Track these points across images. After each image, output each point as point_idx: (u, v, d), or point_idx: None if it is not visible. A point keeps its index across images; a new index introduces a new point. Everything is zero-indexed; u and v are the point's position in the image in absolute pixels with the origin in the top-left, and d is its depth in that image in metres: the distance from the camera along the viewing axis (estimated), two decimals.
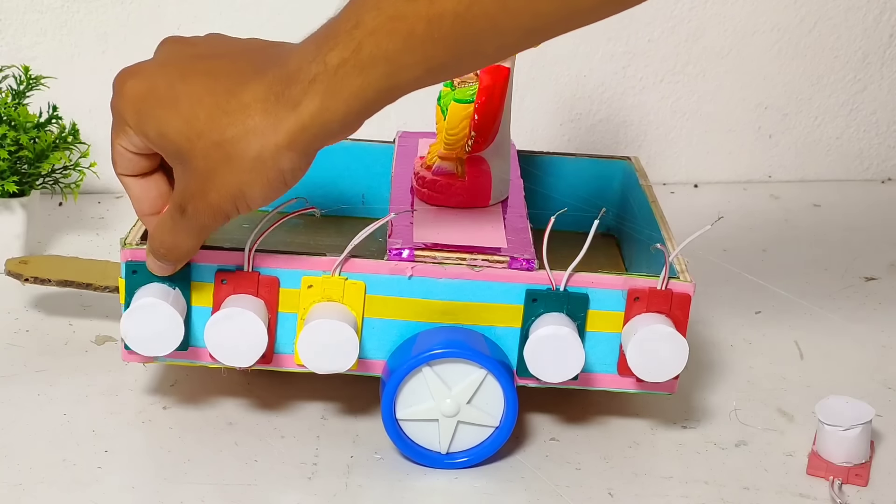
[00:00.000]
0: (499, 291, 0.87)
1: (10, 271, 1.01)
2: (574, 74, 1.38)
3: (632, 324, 0.87)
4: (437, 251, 0.87)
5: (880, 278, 1.21)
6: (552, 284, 0.87)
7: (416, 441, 0.87)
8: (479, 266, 0.87)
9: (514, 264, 0.87)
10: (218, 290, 0.87)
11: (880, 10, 1.43)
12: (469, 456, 0.88)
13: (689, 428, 0.95)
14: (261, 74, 0.77)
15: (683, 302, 0.87)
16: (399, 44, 0.73)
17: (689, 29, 1.39)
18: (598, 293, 0.87)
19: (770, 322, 1.11)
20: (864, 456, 0.89)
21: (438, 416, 0.87)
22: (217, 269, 0.86)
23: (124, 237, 0.88)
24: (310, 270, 0.86)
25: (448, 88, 0.95)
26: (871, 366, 1.05)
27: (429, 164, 0.96)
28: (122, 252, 0.86)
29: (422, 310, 0.88)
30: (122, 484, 0.84)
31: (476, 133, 0.93)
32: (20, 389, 0.94)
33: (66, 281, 0.99)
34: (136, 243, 0.87)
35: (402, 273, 0.87)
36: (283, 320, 0.87)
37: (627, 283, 0.87)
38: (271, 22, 1.31)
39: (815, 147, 1.46)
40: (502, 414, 0.87)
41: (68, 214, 1.25)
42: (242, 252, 0.86)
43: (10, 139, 1.07)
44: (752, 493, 0.87)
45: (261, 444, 0.89)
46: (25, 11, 1.26)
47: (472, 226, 0.92)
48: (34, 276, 0.99)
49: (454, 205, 0.95)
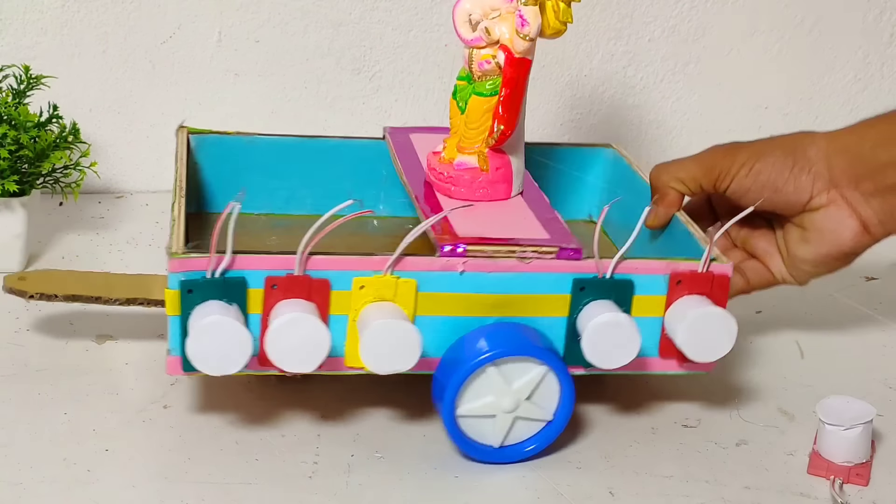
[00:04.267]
0: (547, 282, 0.88)
1: (12, 288, 0.96)
2: (574, 74, 1.38)
3: (677, 306, 0.88)
4: (485, 245, 0.87)
5: (881, 278, 1.21)
6: (599, 273, 0.88)
7: (470, 436, 0.88)
8: (528, 258, 0.87)
9: (563, 254, 0.87)
10: (269, 296, 0.85)
11: (880, 10, 1.43)
12: (526, 449, 0.89)
13: (689, 427, 0.95)
14: None
15: (723, 283, 0.89)
16: None
17: (689, 29, 1.39)
18: (641, 279, 0.88)
19: (771, 321, 1.11)
20: (864, 455, 0.89)
21: (497, 413, 0.87)
22: (267, 274, 0.84)
23: (169, 245, 0.85)
24: (361, 271, 0.85)
25: (464, 82, 0.95)
26: (872, 365, 1.05)
27: (447, 158, 0.96)
28: (171, 262, 0.83)
29: (472, 304, 0.88)
30: (123, 483, 0.84)
31: (504, 126, 0.92)
32: (21, 388, 0.94)
33: (74, 296, 0.95)
34: (185, 251, 0.83)
35: (454, 269, 0.87)
36: (333, 323, 0.86)
37: (669, 266, 0.89)
38: (271, 21, 1.31)
39: None
40: (557, 407, 0.88)
41: (68, 214, 1.25)
42: (292, 256, 0.84)
43: (10, 138, 1.07)
44: (752, 492, 0.87)
45: (261, 442, 0.89)
46: (26, 11, 1.26)
47: (506, 219, 0.93)
48: (39, 291, 0.95)
49: (478, 199, 0.95)
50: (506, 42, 0.91)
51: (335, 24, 1.33)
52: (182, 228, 0.87)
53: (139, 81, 1.30)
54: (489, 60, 0.93)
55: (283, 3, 1.31)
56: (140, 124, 1.31)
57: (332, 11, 1.32)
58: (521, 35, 0.90)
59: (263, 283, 0.84)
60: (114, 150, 1.31)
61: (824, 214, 0.98)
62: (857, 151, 0.97)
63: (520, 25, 0.90)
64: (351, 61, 1.34)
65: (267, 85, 1.33)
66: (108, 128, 1.31)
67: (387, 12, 1.33)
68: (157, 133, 1.32)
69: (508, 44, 0.91)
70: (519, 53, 0.91)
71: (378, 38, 1.34)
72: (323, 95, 1.34)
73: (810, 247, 0.99)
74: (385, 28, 1.33)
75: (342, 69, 1.34)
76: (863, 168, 0.96)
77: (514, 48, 0.91)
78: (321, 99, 1.34)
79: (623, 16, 1.38)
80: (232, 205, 0.82)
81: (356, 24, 1.33)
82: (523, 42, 0.90)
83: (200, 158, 1.05)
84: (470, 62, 0.94)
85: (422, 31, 1.34)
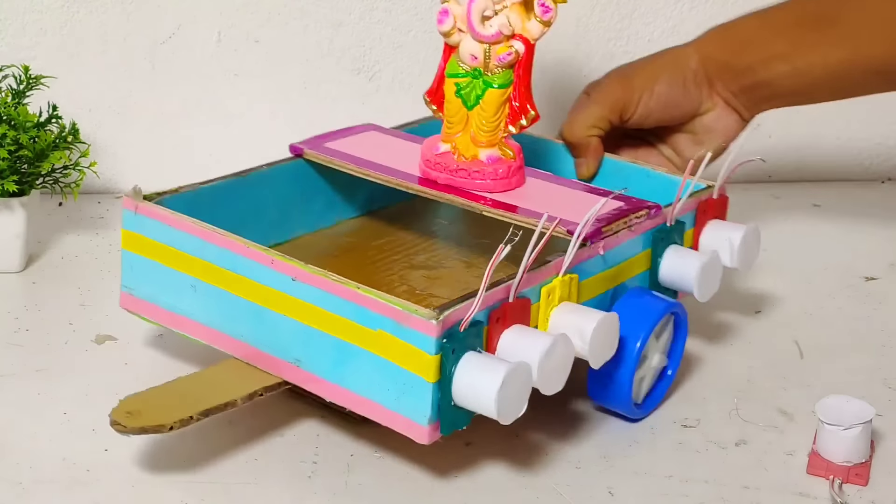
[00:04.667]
0: (640, 242, 0.96)
1: (146, 427, 0.82)
2: (575, 74, 1.38)
3: (710, 231, 1.01)
4: (606, 224, 0.92)
5: (880, 278, 1.21)
6: (669, 221, 0.97)
7: (634, 400, 0.93)
8: (633, 224, 0.94)
9: (652, 213, 0.95)
10: (492, 330, 0.82)
11: None
12: (651, 402, 0.96)
13: (689, 427, 0.95)
14: None
15: (724, 203, 1.04)
16: None
17: (689, 29, 1.39)
18: (685, 217, 0.99)
19: (770, 321, 1.11)
20: (864, 455, 0.89)
21: (648, 372, 0.94)
22: (490, 310, 0.82)
23: (425, 310, 0.79)
24: (546, 280, 0.86)
25: (466, 79, 0.96)
26: (872, 365, 1.05)
27: (470, 155, 0.96)
28: (436, 325, 0.78)
29: (605, 281, 0.92)
30: (123, 483, 0.84)
31: (535, 111, 0.96)
32: (20, 388, 0.94)
33: (208, 410, 0.84)
34: (439, 314, 0.79)
35: (597, 253, 0.91)
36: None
37: (696, 201, 1.01)
38: (271, 21, 1.31)
39: (816, 147, 1.46)
40: (670, 352, 0.97)
41: (68, 214, 1.25)
42: (500, 287, 0.82)
43: (9, 139, 1.07)
44: (752, 492, 0.87)
45: (261, 442, 0.89)
46: (25, 11, 1.26)
47: (565, 198, 0.96)
48: (177, 420, 0.82)
49: (514, 187, 0.97)
50: (520, 31, 0.93)
51: (335, 24, 1.33)
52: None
53: (139, 81, 1.30)
54: (510, 52, 0.94)
55: (282, 3, 1.31)
56: (140, 124, 1.31)
57: (331, 11, 1.32)
58: (542, 21, 0.93)
59: (488, 319, 0.82)
60: (113, 150, 1.31)
61: (713, 116, 1.12)
62: (722, 60, 1.11)
63: (542, 13, 0.93)
64: (351, 61, 1.34)
65: (267, 85, 1.33)
66: (108, 128, 1.31)
67: (387, 12, 1.33)
68: (156, 133, 1.32)
69: (524, 32, 0.93)
70: (535, 40, 0.94)
71: (378, 38, 1.34)
72: (323, 95, 1.34)
73: (704, 147, 1.11)
74: (385, 28, 1.33)
75: (342, 69, 1.34)
76: (729, 73, 1.11)
77: (531, 35, 0.94)
78: (321, 99, 1.34)
79: (623, 16, 1.38)
80: (502, 248, 0.80)
81: (356, 24, 1.33)
82: (542, 28, 0.93)
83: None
84: (486, 58, 0.94)
85: (422, 32, 1.34)
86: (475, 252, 1.06)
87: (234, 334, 0.88)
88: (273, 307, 0.85)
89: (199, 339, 0.91)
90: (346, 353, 0.82)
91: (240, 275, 0.87)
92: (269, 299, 0.86)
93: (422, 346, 0.79)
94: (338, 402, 0.85)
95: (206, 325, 0.90)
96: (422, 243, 1.07)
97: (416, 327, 0.79)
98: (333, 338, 0.83)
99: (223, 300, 0.88)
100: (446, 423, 0.81)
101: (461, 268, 1.03)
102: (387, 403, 0.81)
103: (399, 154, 1.03)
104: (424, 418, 0.80)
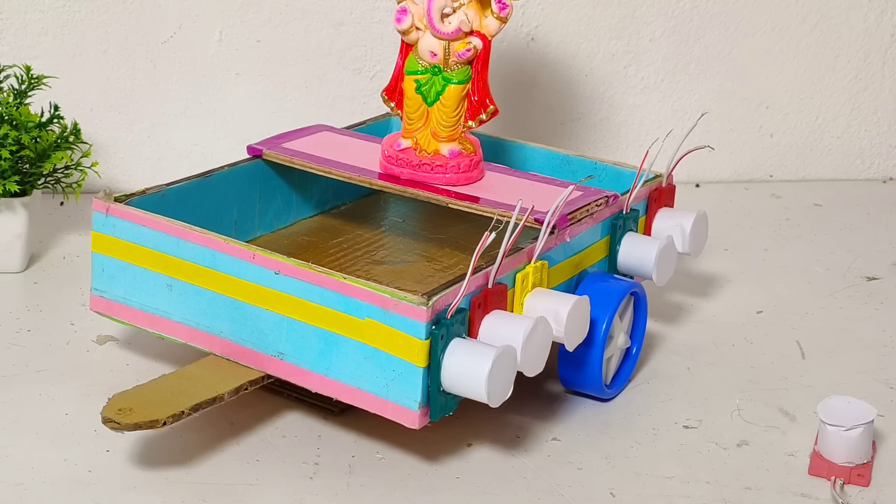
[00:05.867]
0: (600, 229, 0.98)
1: (140, 424, 0.83)
2: (575, 74, 1.38)
3: (661, 218, 1.04)
4: (572, 212, 0.94)
5: (882, 278, 1.21)
6: (625, 209, 1.00)
7: (604, 380, 0.95)
8: (594, 212, 0.97)
9: (612, 201, 0.98)
10: (474, 315, 0.84)
11: (881, 10, 1.43)
12: (619, 382, 0.98)
13: (690, 428, 0.95)
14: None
15: (672, 192, 1.07)
16: None
17: (690, 28, 1.39)
18: (638, 205, 1.02)
19: (771, 322, 1.11)
20: (865, 456, 0.89)
21: (615, 352, 0.96)
22: (471, 296, 0.84)
23: (414, 296, 0.81)
24: (520, 267, 0.89)
25: (426, 75, 0.97)
26: (873, 366, 1.05)
27: (431, 150, 0.98)
28: (426, 311, 0.80)
29: (569, 267, 0.95)
30: (124, 484, 0.84)
31: (494, 105, 0.97)
32: (22, 389, 0.94)
33: (198, 405, 0.85)
34: (428, 299, 0.81)
35: (564, 240, 0.93)
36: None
37: (649, 190, 1.03)
38: (272, 21, 1.31)
39: (817, 146, 1.46)
40: (633, 332, 0.99)
41: (69, 214, 1.25)
42: (479, 274, 0.84)
43: (11, 139, 1.07)
44: (753, 493, 0.87)
45: (262, 443, 0.89)
46: (27, 11, 1.26)
47: (526, 189, 0.98)
48: (168, 416, 0.83)
49: (476, 180, 0.99)
50: (477, 28, 0.96)
51: (336, 23, 1.33)
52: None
53: (140, 81, 1.30)
54: (468, 48, 0.96)
55: (283, 3, 1.31)
56: (141, 124, 1.31)
57: (332, 11, 1.32)
58: (499, 17, 0.96)
59: (469, 305, 0.84)
60: (115, 149, 1.31)
61: None
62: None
63: (499, 9, 0.96)
64: (351, 61, 1.34)
65: (267, 85, 1.33)
66: (110, 128, 1.31)
67: (387, 12, 1.33)
68: (158, 133, 1.32)
69: (481, 28, 0.96)
70: (492, 36, 0.96)
71: (378, 38, 1.34)
72: (323, 95, 1.34)
73: None
74: (385, 28, 1.33)
75: (343, 69, 1.34)
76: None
77: (488, 32, 0.96)
78: (321, 99, 1.34)
79: (623, 16, 1.38)
80: (487, 235, 0.82)
81: (357, 24, 1.33)
82: (499, 24, 0.96)
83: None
84: (445, 54, 0.96)
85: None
86: (433, 246, 1.07)
87: (213, 331, 0.89)
88: (254, 302, 0.86)
89: (177, 337, 0.91)
90: (333, 344, 0.83)
91: (219, 271, 0.88)
92: (250, 294, 0.86)
93: (412, 331, 0.80)
94: (324, 393, 0.86)
95: (184, 324, 0.90)
96: (380, 240, 1.08)
97: (405, 313, 0.80)
98: (319, 329, 0.84)
99: (201, 297, 0.89)
100: (435, 408, 0.82)
101: (422, 262, 1.04)
102: (375, 391, 0.83)
103: (356, 152, 1.04)
104: (415, 403, 0.81)
